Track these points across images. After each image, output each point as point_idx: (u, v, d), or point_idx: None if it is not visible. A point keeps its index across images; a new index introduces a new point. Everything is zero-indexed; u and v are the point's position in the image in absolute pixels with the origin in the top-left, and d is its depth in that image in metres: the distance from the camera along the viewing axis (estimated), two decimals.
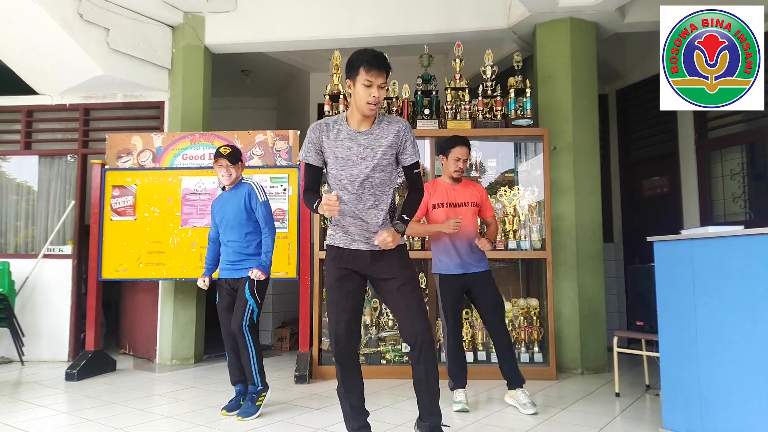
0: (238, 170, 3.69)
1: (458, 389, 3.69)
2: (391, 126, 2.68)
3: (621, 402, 3.88)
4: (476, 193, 3.85)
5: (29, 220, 6.09)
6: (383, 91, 2.59)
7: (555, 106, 5.16)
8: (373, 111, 2.59)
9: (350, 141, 2.64)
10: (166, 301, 5.56)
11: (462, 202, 3.78)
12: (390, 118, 2.73)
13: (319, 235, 4.86)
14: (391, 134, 2.66)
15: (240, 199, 3.65)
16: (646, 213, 6.30)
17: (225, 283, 3.73)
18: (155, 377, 4.91)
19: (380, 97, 2.58)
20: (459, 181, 3.86)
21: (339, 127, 2.68)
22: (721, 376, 2.79)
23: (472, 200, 3.80)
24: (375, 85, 2.55)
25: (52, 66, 5.56)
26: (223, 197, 3.76)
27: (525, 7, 5.15)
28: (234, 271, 3.66)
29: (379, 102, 2.58)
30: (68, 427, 3.40)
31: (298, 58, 7.21)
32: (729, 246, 2.78)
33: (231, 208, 3.66)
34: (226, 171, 3.64)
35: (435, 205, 3.79)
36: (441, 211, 3.76)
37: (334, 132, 2.67)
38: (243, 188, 3.70)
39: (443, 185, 3.84)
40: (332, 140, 2.66)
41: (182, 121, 5.74)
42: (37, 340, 5.60)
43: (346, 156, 2.64)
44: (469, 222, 3.75)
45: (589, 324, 4.94)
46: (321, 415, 3.54)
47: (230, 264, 3.68)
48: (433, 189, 3.82)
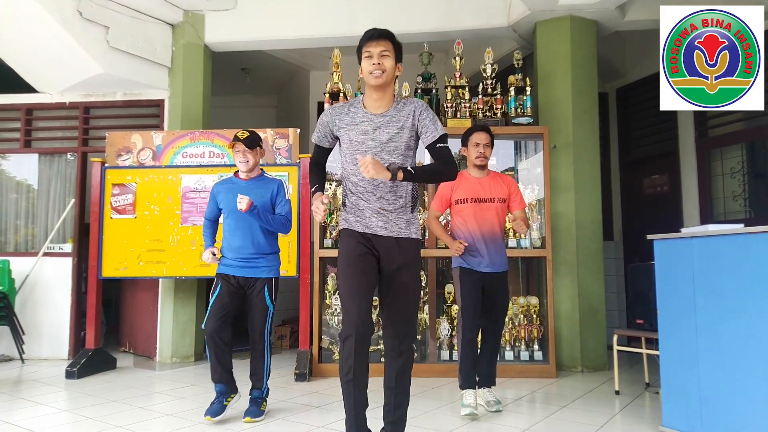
0: (256, 156, 3.49)
1: (467, 390, 3.48)
2: (406, 107, 2.58)
3: (621, 400, 3.88)
4: (504, 187, 3.63)
5: (29, 218, 6.09)
6: (388, 59, 2.49)
7: (555, 105, 5.16)
8: (378, 80, 2.48)
9: (366, 124, 2.56)
10: (166, 299, 5.57)
11: (488, 198, 3.57)
12: (407, 100, 2.63)
13: (319, 234, 4.86)
14: (406, 115, 2.56)
15: (266, 192, 3.47)
16: (646, 211, 6.31)
17: (233, 280, 3.44)
18: (155, 375, 4.92)
19: (385, 65, 2.48)
20: (485, 172, 3.66)
21: (355, 110, 2.60)
22: (721, 374, 2.79)
23: (499, 195, 3.59)
24: (375, 54, 2.48)
25: (52, 64, 5.55)
26: (239, 186, 3.48)
27: (525, 5, 5.15)
28: (247, 269, 3.43)
29: (385, 71, 2.48)
30: (68, 424, 3.41)
31: (298, 56, 7.20)
32: (729, 244, 2.79)
33: (253, 200, 3.35)
34: (243, 156, 3.44)
35: (459, 200, 3.59)
36: (465, 207, 3.57)
37: (349, 115, 2.60)
38: (272, 183, 3.53)
39: (469, 179, 3.63)
40: (347, 124, 2.59)
41: (182, 120, 5.74)
42: (37, 338, 5.61)
43: (361, 140, 2.55)
44: (494, 219, 3.58)
45: (589, 322, 4.94)
46: (321, 413, 3.55)
47: (243, 261, 3.43)
48: (457, 182, 3.59)
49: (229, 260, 3.47)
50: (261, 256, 3.46)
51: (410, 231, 2.59)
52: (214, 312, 3.37)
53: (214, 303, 3.40)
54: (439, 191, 3.71)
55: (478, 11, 5.50)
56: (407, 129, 2.55)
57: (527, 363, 4.73)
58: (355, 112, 2.59)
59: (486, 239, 3.54)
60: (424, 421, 3.34)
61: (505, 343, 4.84)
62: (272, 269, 3.51)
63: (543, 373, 4.61)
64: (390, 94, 2.59)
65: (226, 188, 3.52)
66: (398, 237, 2.55)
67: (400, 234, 2.56)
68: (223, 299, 3.41)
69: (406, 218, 2.59)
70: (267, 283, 3.46)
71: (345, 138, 2.59)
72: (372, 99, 2.58)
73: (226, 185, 3.55)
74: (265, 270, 3.47)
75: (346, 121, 2.59)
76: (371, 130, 2.54)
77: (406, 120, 2.55)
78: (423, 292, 4.91)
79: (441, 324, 4.86)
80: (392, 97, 2.61)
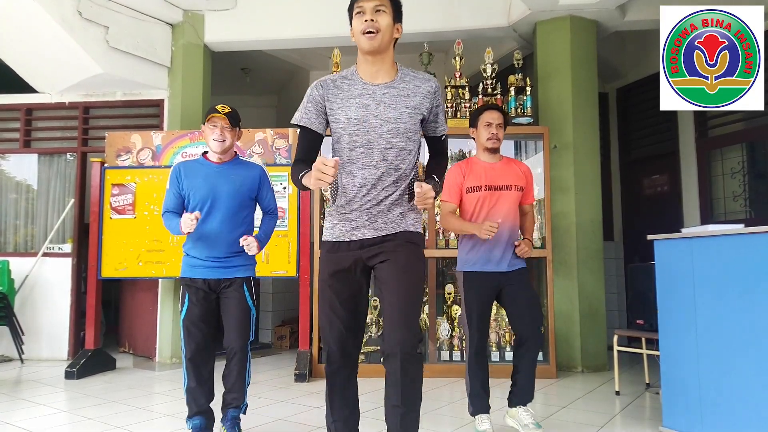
0: (234, 137, 2.89)
1: (481, 415, 3.08)
2: (421, 83, 2.14)
3: (621, 400, 3.88)
4: (521, 174, 3.16)
5: (29, 218, 6.08)
6: (384, 16, 2.06)
7: (555, 105, 5.16)
8: (372, 42, 2.04)
9: (367, 97, 2.08)
10: (166, 299, 5.56)
11: (504, 185, 3.08)
12: (417, 73, 2.19)
13: (319, 234, 4.84)
14: (421, 93, 2.12)
15: (247, 180, 2.91)
16: (647, 211, 6.30)
17: (203, 284, 2.83)
18: (155, 375, 4.91)
19: (380, 22, 2.05)
20: (497, 157, 3.17)
21: (350, 81, 2.12)
22: (721, 374, 2.79)
23: (516, 183, 3.10)
24: (368, 10, 2.05)
25: (52, 64, 5.55)
26: (211, 169, 2.87)
27: (525, 5, 5.14)
28: (221, 270, 2.85)
29: (380, 30, 2.04)
30: (68, 425, 3.40)
31: (297, 56, 7.19)
32: (729, 244, 2.78)
33: (230, 188, 2.85)
34: (221, 134, 2.82)
35: (471, 188, 3.08)
36: (478, 195, 3.07)
37: (344, 88, 2.11)
38: (253, 169, 2.98)
39: (480, 164, 3.14)
40: (343, 98, 2.10)
41: (182, 120, 5.73)
42: (36, 338, 5.60)
43: (361, 117, 2.07)
44: (512, 209, 3.10)
45: (589, 322, 4.94)
46: (321, 414, 3.53)
47: (216, 261, 2.84)
48: (467, 168, 3.12)
49: (196, 260, 2.87)
50: (237, 255, 2.89)
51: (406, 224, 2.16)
52: (187, 329, 2.80)
53: (185, 318, 2.81)
54: (448, 180, 3.09)
55: (478, 11, 5.49)
56: (421, 110, 2.13)
57: None
58: (351, 84, 2.12)
59: (502, 232, 3.03)
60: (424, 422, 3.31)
61: (504, 343, 4.84)
62: (249, 268, 2.96)
63: (543, 373, 4.60)
64: (390, 60, 2.14)
65: (195, 171, 2.88)
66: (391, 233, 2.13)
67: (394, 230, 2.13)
68: (193, 312, 2.81)
69: (401, 210, 2.15)
70: (245, 282, 2.91)
71: (340, 117, 2.09)
72: (368, 66, 2.12)
73: (194, 168, 2.90)
74: (241, 269, 2.91)
75: (340, 96, 2.11)
76: (373, 105, 2.08)
77: (422, 100, 2.12)
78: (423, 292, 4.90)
79: (441, 324, 4.86)
80: (393, 64, 2.15)
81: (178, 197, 2.90)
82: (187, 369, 2.82)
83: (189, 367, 2.82)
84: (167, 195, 2.92)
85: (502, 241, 3.04)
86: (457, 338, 4.83)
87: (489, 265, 3.04)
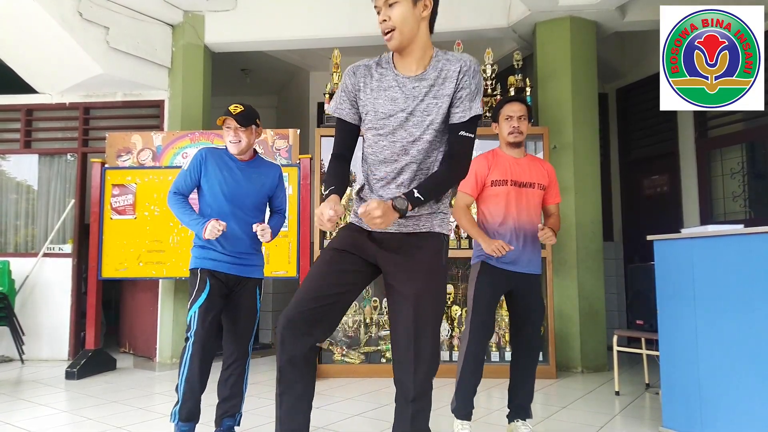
0: (250, 136, 2.83)
1: (462, 421, 2.93)
2: (449, 65, 1.93)
3: (621, 401, 3.88)
4: (545, 172, 3.06)
5: (29, 218, 6.09)
6: (396, 6, 1.87)
7: (555, 105, 5.17)
8: (391, 42, 1.91)
9: (397, 89, 1.94)
10: (166, 299, 5.57)
11: (528, 182, 2.98)
12: (451, 56, 1.97)
13: (320, 234, 4.86)
14: (449, 78, 1.92)
15: (267, 179, 2.90)
16: (646, 212, 6.31)
17: (224, 278, 2.77)
18: (155, 376, 4.92)
19: (394, 18, 1.87)
20: (521, 152, 3.06)
21: (383, 71, 1.98)
22: (721, 375, 2.79)
23: (540, 181, 3.01)
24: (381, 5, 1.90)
25: (52, 65, 5.56)
26: (237, 166, 2.85)
27: (525, 5, 5.15)
28: (240, 267, 2.81)
29: (394, 26, 1.87)
30: (68, 425, 3.40)
31: (298, 57, 7.20)
32: (729, 245, 2.78)
33: (254, 188, 2.85)
34: (234, 136, 2.79)
35: (496, 181, 2.95)
36: (503, 189, 2.93)
37: (375, 78, 1.98)
38: (273, 169, 2.95)
39: (505, 157, 3.01)
40: (373, 89, 1.97)
41: (182, 120, 5.74)
42: (37, 338, 5.60)
43: (388, 110, 1.94)
44: (536, 208, 3.02)
45: (588, 323, 4.94)
46: (320, 414, 3.54)
47: (236, 257, 2.79)
48: (492, 160, 2.99)
49: (218, 253, 2.77)
50: (254, 253, 2.88)
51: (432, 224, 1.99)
52: (202, 316, 2.68)
53: (203, 306, 2.69)
54: (472, 168, 2.85)
55: (478, 12, 5.50)
56: (446, 97, 1.92)
57: None
58: (384, 73, 1.98)
59: (525, 232, 2.93)
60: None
61: (504, 343, 4.84)
62: (263, 268, 2.97)
63: (543, 373, 4.60)
64: (421, 49, 1.94)
65: (223, 164, 2.84)
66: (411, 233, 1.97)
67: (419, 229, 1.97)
68: (214, 302, 2.73)
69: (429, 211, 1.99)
70: (258, 285, 2.91)
71: (370, 108, 1.97)
72: (399, 59, 1.98)
73: (221, 158, 2.85)
74: (258, 269, 2.90)
75: (371, 86, 1.98)
76: (401, 99, 1.94)
77: (446, 84, 1.92)
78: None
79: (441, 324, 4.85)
80: (426, 51, 1.96)
81: (194, 182, 2.84)
82: (192, 357, 2.65)
83: (195, 353, 2.65)
84: (182, 175, 2.83)
85: (521, 241, 2.92)
86: (457, 338, 4.83)
87: (508, 262, 2.91)
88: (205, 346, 2.67)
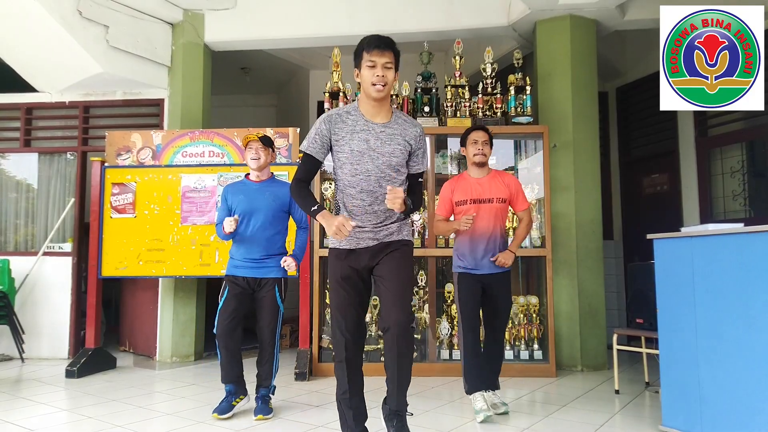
0: (268, 156, 3.56)
1: (476, 393, 3.39)
2: (409, 127, 2.58)
3: (620, 399, 3.89)
4: (504, 187, 3.54)
5: (29, 217, 6.08)
6: (390, 71, 2.46)
7: (555, 104, 5.16)
8: (380, 93, 2.45)
9: (367, 133, 2.50)
10: (166, 298, 5.57)
11: (487, 198, 3.50)
12: (407, 117, 2.64)
13: (319, 233, 4.86)
14: (410, 135, 2.56)
15: (279, 195, 3.53)
16: (646, 210, 6.31)
17: (243, 282, 3.49)
18: (155, 374, 4.92)
19: (388, 77, 2.45)
20: (485, 171, 3.58)
21: (354, 118, 2.53)
22: (720, 374, 2.79)
23: (498, 196, 3.50)
24: (379, 65, 2.43)
25: (52, 63, 5.55)
26: (251, 188, 3.55)
27: (525, 4, 5.14)
28: (257, 270, 3.49)
29: (387, 84, 2.45)
30: (68, 424, 3.41)
31: (297, 56, 7.20)
32: (729, 243, 2.79)
33: (266, 202, 3.50)
34: (255, 153, 3.50)
35: (459, 201, 3.54)
36: (465, 208, 3.51)
37: (348, 123, 2.53)
38: (286, 186, 3.55)
39: (468, 179, 3.58)
40: (348, 133, 2.50)
41: (182, 119, 5.73)
42: (37, 337, 5.61)
43: (362, 150, 2.49)
44: (488, 220, 3.49)
45: (588, 321, 4.95)
46: (321, 413, 3.55)
47: (253, 262, 3.48)
48: (456, 183, 3.60)
49: (238, 261, 3.51)
50: (270, 257, 3.51)
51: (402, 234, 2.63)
52: (222, 315, 3.43)
53: (222, 306, 3.45)
54: (441, 195, 3.64)
55: (478, 10, 5.49)
56: (408, 149, 2.57)
57: (527, 362, 4.74)
58: (355, 120, 2.53)
59: (487, 240, 3.48)
60: (425, 421, 3.34)
61: (504, 342, 4.83)
62: (281, 269, 3.55)
63: (543, 372, 4.61)
64: (388, 104, 2.58)
65: (239, 190, 3.56)
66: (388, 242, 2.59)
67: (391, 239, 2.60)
68: (230, 303, 3.45)
69: (397, 225, 2.62)
70: (277, 283, 3.52)
71: (344, 148, 2.50)
72: (370, 108, 2.54)
73: (238, 187, 3.59)
74: (274, 270, 3.51)
75: (345, 130, 2.51)
76: (372, 140, 2.50)
77: (411, 141, 2.56)
78: (423, 292, 4.91)
79: (441, 323, 4.87)
80: (389, 107, 2.59)
81: (229, 212, 3.54)
82: (219, 349, 3.45)
83: (220, 344, 3.44)
84: (219, 211, 3.64)
85: (481, 248, 3.47)
86: (457, 337, 4.83)
87: (473, 267, 3.48)
88: (227, 340, 3.42)
